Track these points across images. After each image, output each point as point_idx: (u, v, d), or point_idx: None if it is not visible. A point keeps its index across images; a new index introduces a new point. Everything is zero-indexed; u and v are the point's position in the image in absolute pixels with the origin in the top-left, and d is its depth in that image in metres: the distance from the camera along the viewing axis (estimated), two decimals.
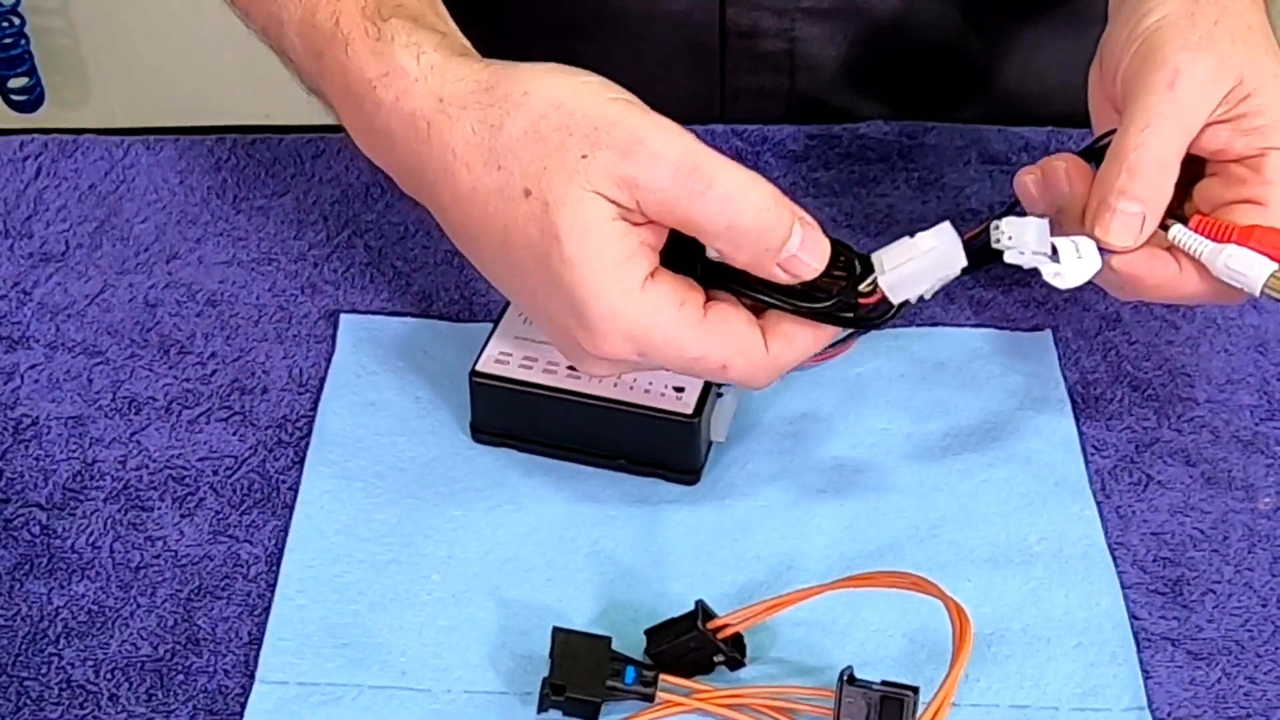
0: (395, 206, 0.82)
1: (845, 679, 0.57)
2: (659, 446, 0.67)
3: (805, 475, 0.68)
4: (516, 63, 0.58)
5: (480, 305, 0.76)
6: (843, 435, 0.70)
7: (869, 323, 0.60)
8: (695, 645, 0.59)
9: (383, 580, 0.64)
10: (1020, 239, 0.60)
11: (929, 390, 0.72)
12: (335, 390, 0.72)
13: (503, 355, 0.68)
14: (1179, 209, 0.63)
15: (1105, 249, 0.61)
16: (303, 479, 0.68)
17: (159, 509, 0.67)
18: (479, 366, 0.67)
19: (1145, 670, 0.61)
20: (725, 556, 0.65)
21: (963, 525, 0.66)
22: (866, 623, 0.62)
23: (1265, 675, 0.61)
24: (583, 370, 0.61)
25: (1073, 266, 0.60)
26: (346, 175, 0.84)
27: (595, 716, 0.58)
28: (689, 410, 0.65)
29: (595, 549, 0.65)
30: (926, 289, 0.60)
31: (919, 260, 0.59)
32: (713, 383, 0.66)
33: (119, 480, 0.68)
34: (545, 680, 0.58)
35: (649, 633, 0.60)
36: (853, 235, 0.80)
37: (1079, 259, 0.60)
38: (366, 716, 0.59)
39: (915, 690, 0.57)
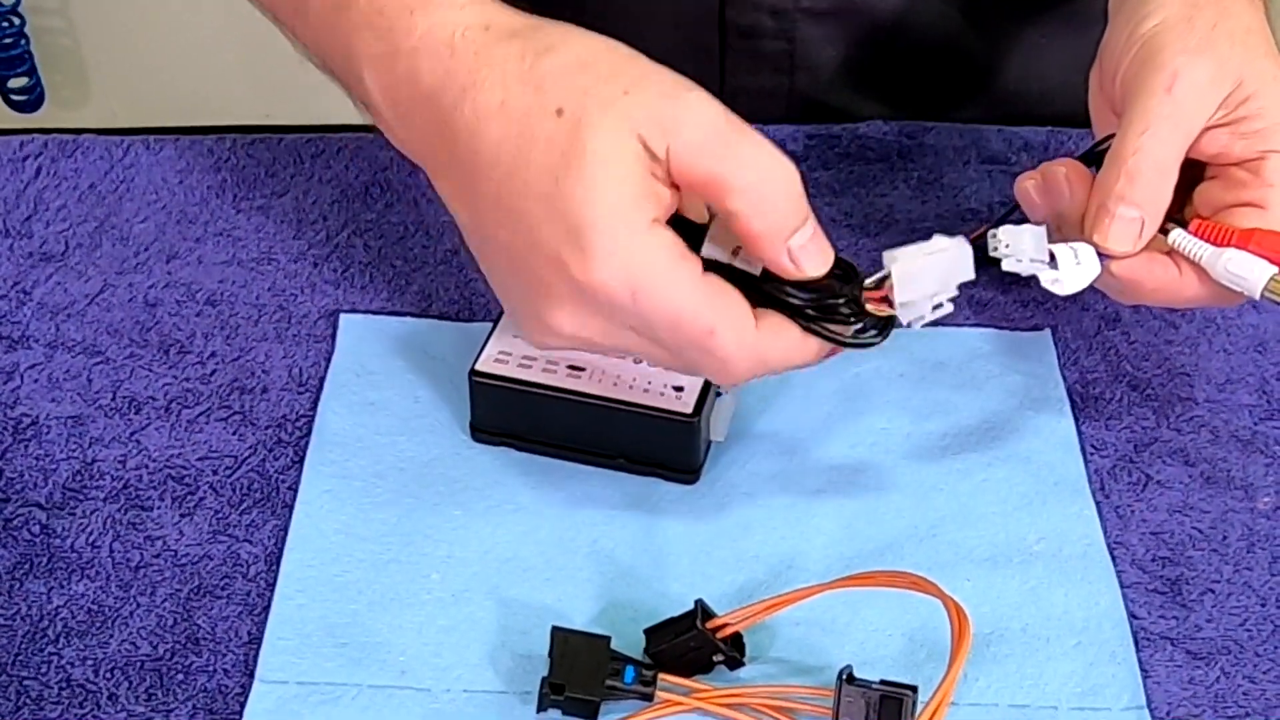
0: (395, 206, 0.82)
1: (844, 678, 0.57)
2: (658, 446, 0.67)
3: (805, 475, 0.68)
4: None
5: (480, 305, 0.76)
6: (842, 435, 0.70)
7: (860, 335, 0.58)
8: (695, 645, 0.59)
9: (382, 580, 0.64)
10: (1017, 247, 0.60)
11: (928, 390, 0.72)
12: (335, 390, 0.72)
13: (502, 355, 0.68)
14: (1179, 213, 0.63)
15: (1104, 254, 0.61)
16: (302, 478, 0.68)
17: (159, 508, 0.67)
18: (478, 366, 0.68)
19: (1144, 669, 0.61)
20: (725, 556, 0.65)
21: (962, 525, 0.66)
22: (866, 622, 0.62)
23: (1264, 675, 0.61)
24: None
25: (1071, 273, 0.60)
26: (346, 175, 0.84)
27: (595, 716, 0.58)
28: (688, 410, 0.65)
29: (595, 548, 0.65)
30: (930, 297, 0.58)
31: (931, 258, 0.58)
32: (708, 380, 0.66)
33: (119, 480, 0.68)
34: (545, 680, 0.58)
35: (648, 632, 0.60)
36: (852, 235, 0.80)
37: (1078, 265, 0.60)
38: (366, 716, 0.59)
39: (914, 689, 0.57)
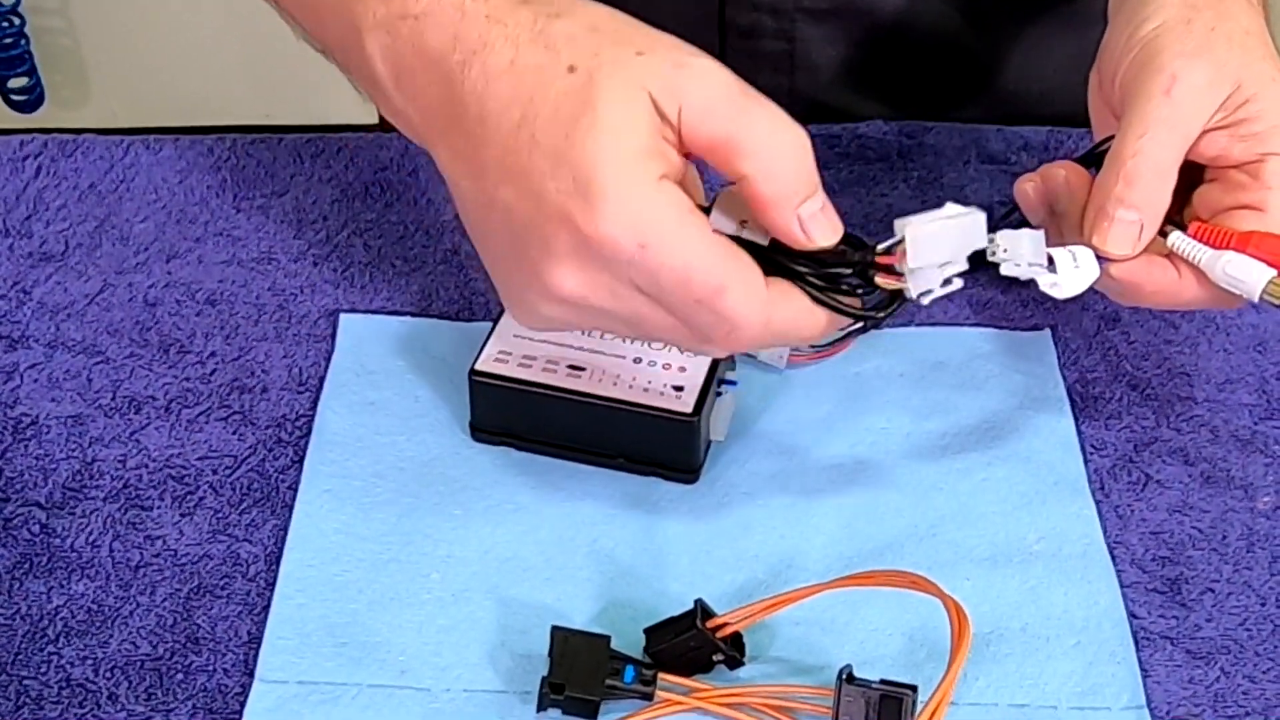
0: (395, 206, 0.82)
1: (844, 678, 0.57)
2: (658, 445, 0.67)
3: (804, 474, 0.68)
4: None
5: (480, 304, 0.76)
6: (842, 434, 0.70)
7: (871, 308, 0.58)
8: (694, 644, 0.59)
9: (382, 579, 0.64)
10: (1015, 251, 0.59)
11: (928, 389, 0.72)
12: (335, 389, 0.72)
13: (502, 354, 0.68)
14: (1178, 215, 0.63)
15: (1103, 257, 0.61)
16: (302, 478, 0.68)
17: (159, 508, 0.67)
18: (478, 365, 0.68)
19: (1144, 669, 0.61)
20: (724, 555, 0.65)
21: (962, 524, 0.66)
22: (865, 622, 0.62)
23: (1264, 674, 0.61)
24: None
25: (1070, 276, 0.60)
26: (346, 175, 0.84)
27: (594, 715, 0.58)
28: (688, 409, 0.66)
29: (594, 548, 0.65)
30: (940, 268, 0.58)
31: (944, 222, 0.57)
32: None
33: (119, 479, 0.68)
34: (544, 679, 0.58)
35: (648, 631, 0.60)
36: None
37: (1076, 268, 0.60)
38: (366, 715, 0.59)
39: (914, 689, 0.57)
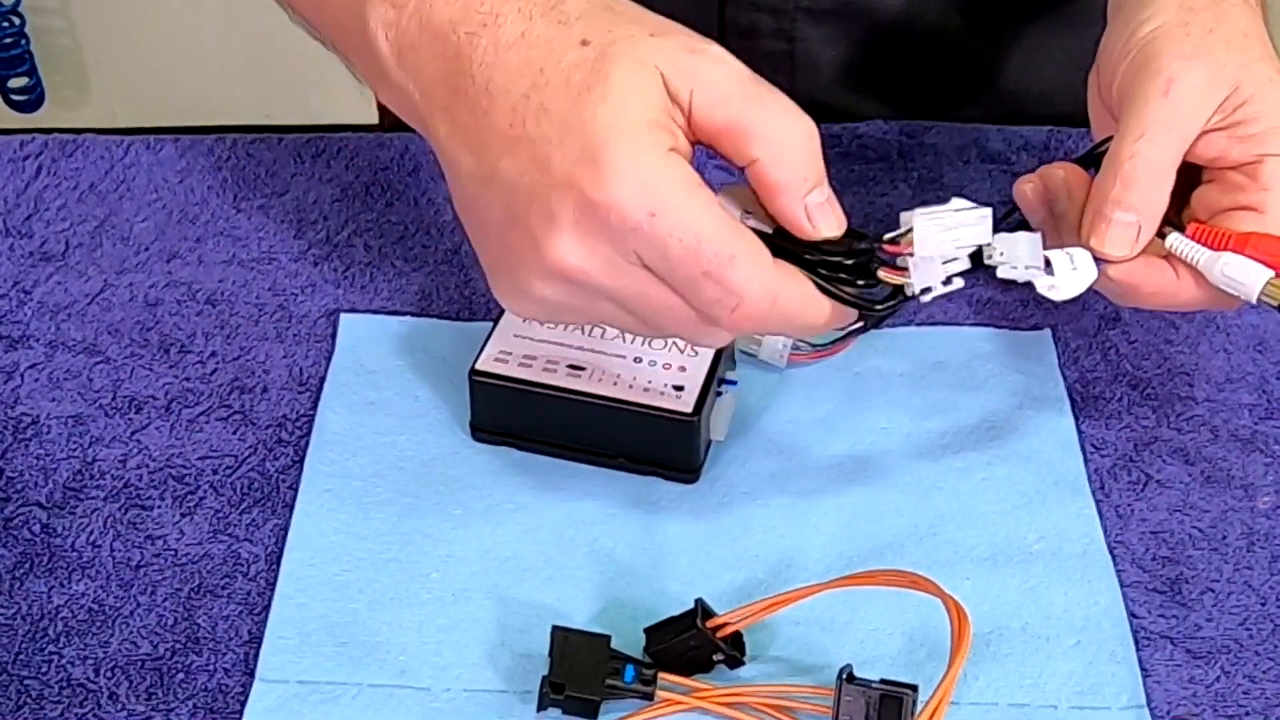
0: (395, 206, 0.82)
1: (844, 677, 0.57)
2: (658, 445, 0.67)
3: (804, 474, 0.68)
4: None
5: (480, 304, 0.76)
6: (842, 434, 0.70)
7: (872, 300, 0.58)
8: (695, 644, 0.59)
9: (382, 579, 0.64)
10: (1012, 254, 0.59)
11: (928, 389, 0.72)
12: (335, 389, 0.72)
13: (502, 354, 0.68)
14: (1176, 216, 0.63)
15: (1101, 259, 0.61)
16: (302, 478, 0.68)
17: (159, 508, 0.67)
18: (478, 365, 0.68)
19: (1144, 669, 0.61)
20: (724, 555, 0.65)
21: (962, 524, 0.66)
22: (865, 621, 0.62)
23: (1264, 674, 0.61)
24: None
25: (1067, 278, 0.60)
26: (346, 175, 0.84)
27: (595, 715, 0.58)
28: (688, 409, 0.66)
29: (594, 547, 0.65)
30: (944, 265, 0.58)
31: (951, 215, 0.58)
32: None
33: (119, 479, 0.68)
34: (545, 679, 0.58)
35: (648, 631, 0.60)
36: None
37: (1074, 270, 0.60)
38: (366, 715, 0.59)
39: (914, 688, 0.57)
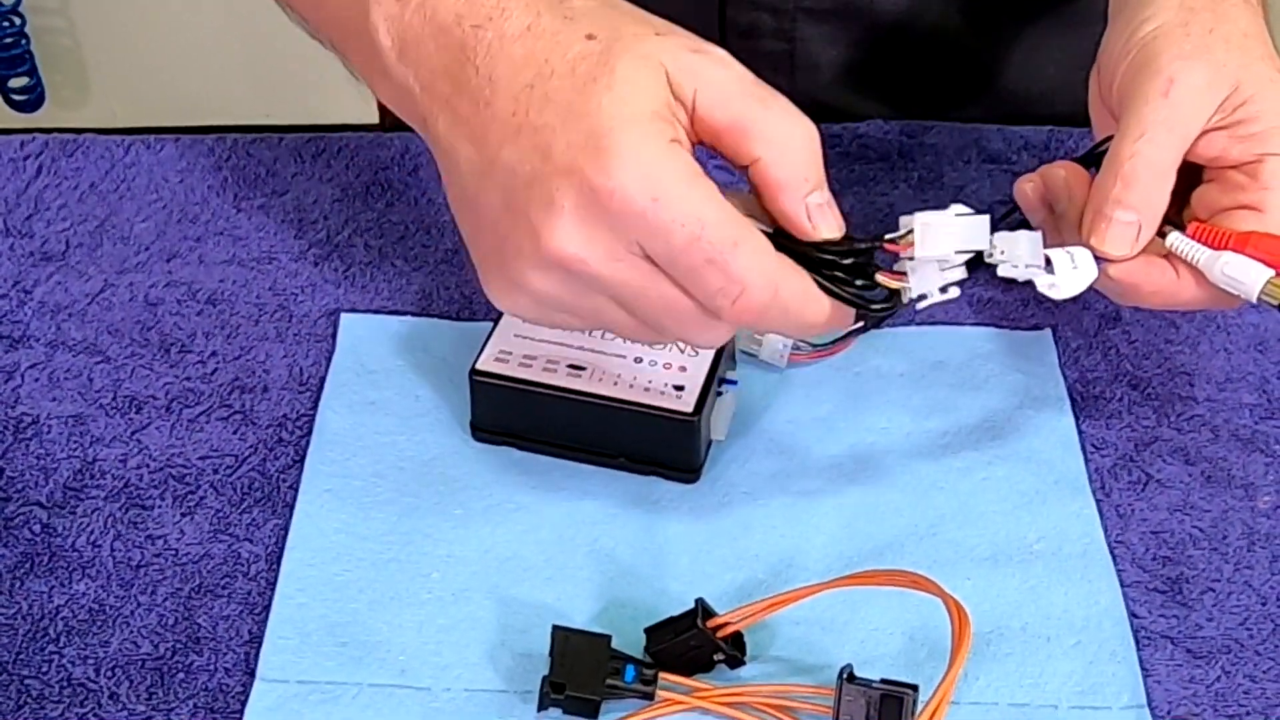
0: (396, 206, 0.82)
1: (845, 677, 0.57)
2: (659, 445, 0.67)
3: (805, 474, 0.68)
4: None
5: (480, 304, 0.76)
6: (842, 434, 0.70)
7: (873, 301, 0.58)
8: (695, 644, 0.59)
9: (382, 579, 0.64)
10: (1012, 253, 0.59)
11: (929, 389, 0.72)
12: (335, 389, 0.72)
13: (503, 354, 0.68)
14: (1177, 216, 0.63)
15: (1102, 258, 0.61)
16: (303, 478, 0.68)
17: (159, 508, 0.67)
18: (479, 365, 0.68)
19: (1144, 668, 0.61)
20: (725, 555, 0.65)
21: (962, 523, 0.66)
22: (866, 621, 0.62)
23: (1264, 674, 0.61)
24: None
25: (1068, 277, 0.60)
26: (347, 174, 0.84)
27: (595, 715, 0.58)
28: (689, 409, 0.66)
29: (595, 547, 0.65)
30: (941, 271, 0.59)
31: (951, 218, 0.58)
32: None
33: (119, 479, 0.68)
34: (545, 679, 0.58)
35: (649, 631, 0.60)
36: (851, 234, 0.80)
37: (1074, 269, 0.60)
38: (366, 715, 0.59)
39: (915, 688, 0.57)
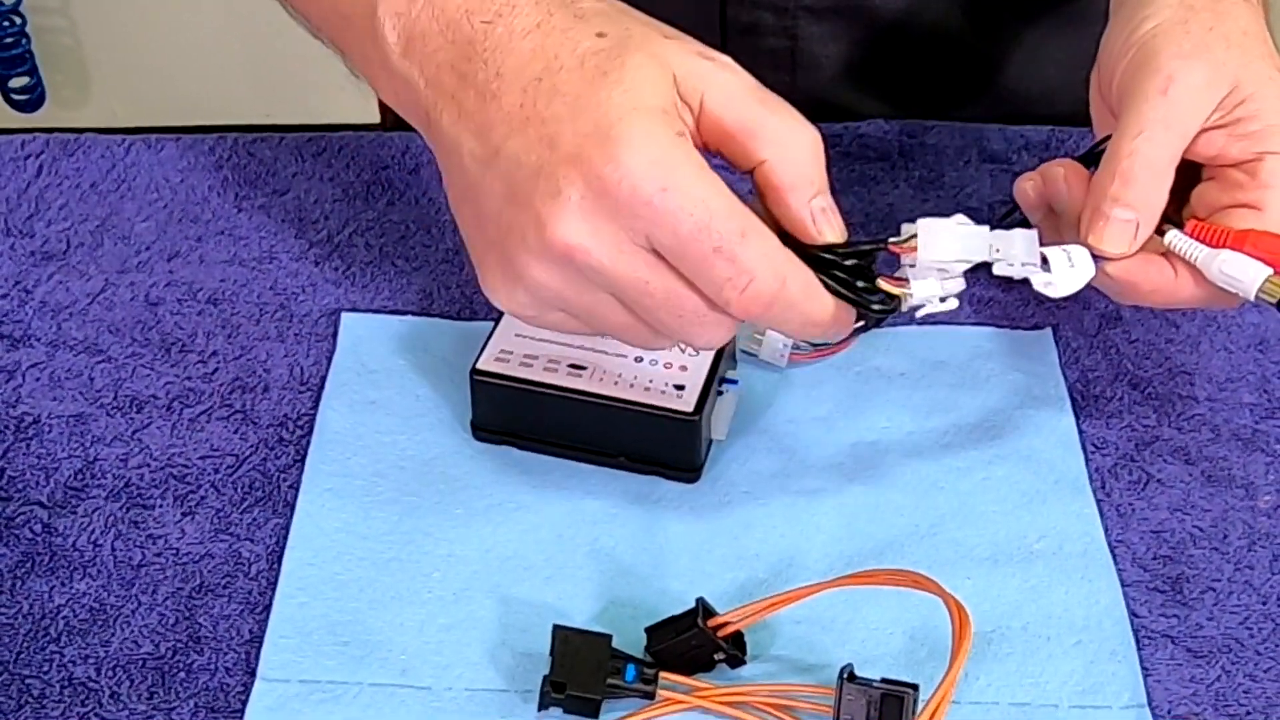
0: (396, 205, 0.82)
1: (845, 676, 0.57)
2: (659, 444, 0.67)
3: (805, 473, 0.68)
4: None
5: (481, 304, 0.76)
6: (843, 433, 0.70)
7: (873, 301, 0.59)
8: (696, 643, 0.59)
9: (383, 578, 0.64)
10: (1009, 251, 0.60)
11: (929, 388, 0.72)
12: (336, 389, 0.72)
13: (503, 353, 0.68)
14: (1176, 214, 0.63)
15: (1100, 256, 0.61)
16: (304, 477, 0.68)
17: (160, 507, 0.67)
18: (480, 365, 0.68)
19: (1145, 668, 0.61)
20: (725, 554, 0.65)
21: (963, 523, 0.66)
22: (866, 620, 0.62)
23: (1265, 673, 0.61)
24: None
25: (1064, 275, 0.60)
26: (347, 174, 0.84)
27: (596, 714, 0.58)
28: (689, 408, 0.66)
29: (596, 547, 0.65)
30: (942, 280, 0.59)
31: (955, 226, 0.59)
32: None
33: (120, 478, 0.68)
34: (546, 678, 0.58)
35: (649, 630, 0.60)
36: (852, 234, 0.80)
37: (1071, 268, 0.60)
38: (367, 714, 0.59)
39: (915, 688, 0.57)
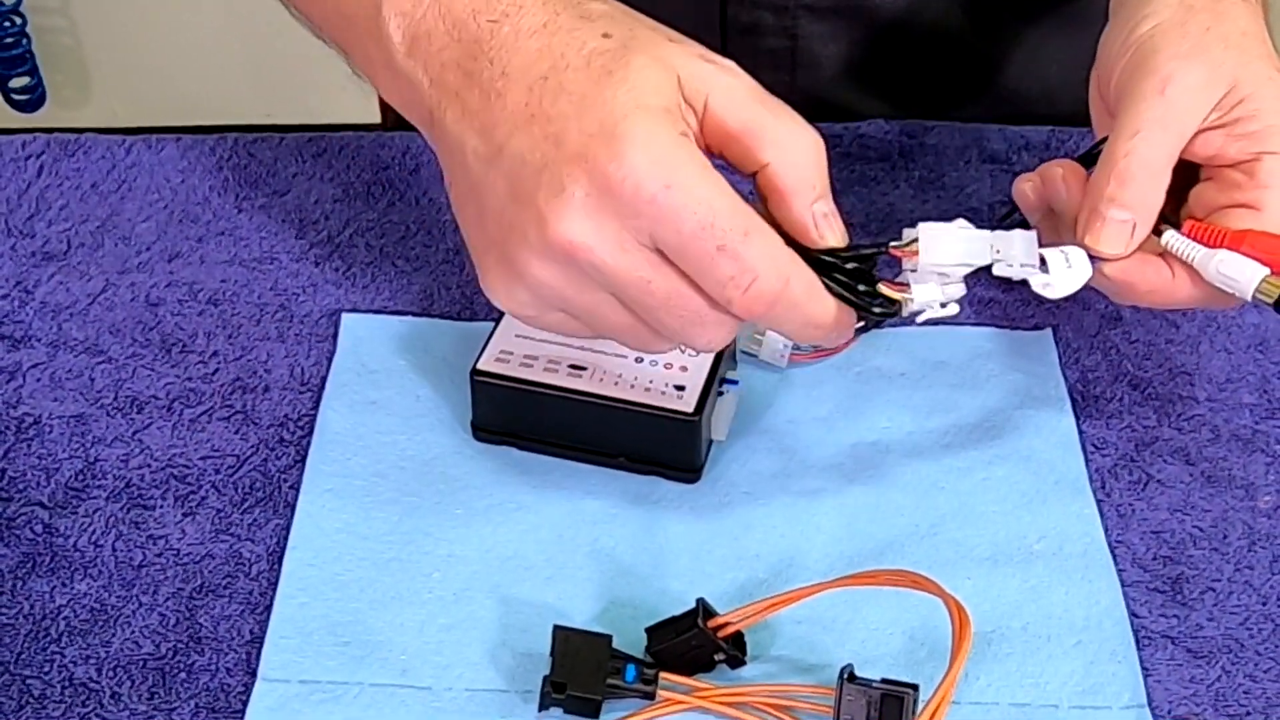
0: (397, 206, 0.82)
1: (845, 677, 0.57)
2: (660, 445, 0.67)
3: (805, 473, 0.68)
4: None
5: (481, 304, 0.76)
6: (843, 433, 0.70)
7: (873, 304, 0.59)
8: (696, 643, 0.59)
9: (384, 578, 0.64)
10: (1008, 252, 0.60)
11: (930, 389, 0.72)
12: (336, 389, 0.72)
13: (504, 354, 0.68)
14: (1175, 214, 0.63)
15: (1096, 256, 0.61)
16: (304, 477, 0.68)
17: (161, 507, 0.67)
18: (480, 365, 0.68)
19: (1145, 668, 0.61)
20: (725, 555, 0.65)
21: (963, 523, 0.66)
22: (866, 621, 0.62)
23: (1265, 673, 0.61)
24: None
25: (1062, 277, 0.60)
26: (348, 174, 0.84)
27: (596, 714, 0.58)
28: (690, 409, 0.66)
29: (596, 547, 0.65)
30: (943, 285, 0.59)
31: (956, 230, 0.59)
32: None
33: (121, 479, 0.68)
34: (546, 678, 0.58)
35: (650, 631, 0.60)
36: (854, 234, 0.79)
37: (1069, 269, 0.60)
38: (368, 714, 0.59)
39: (915, 688, 0.57)
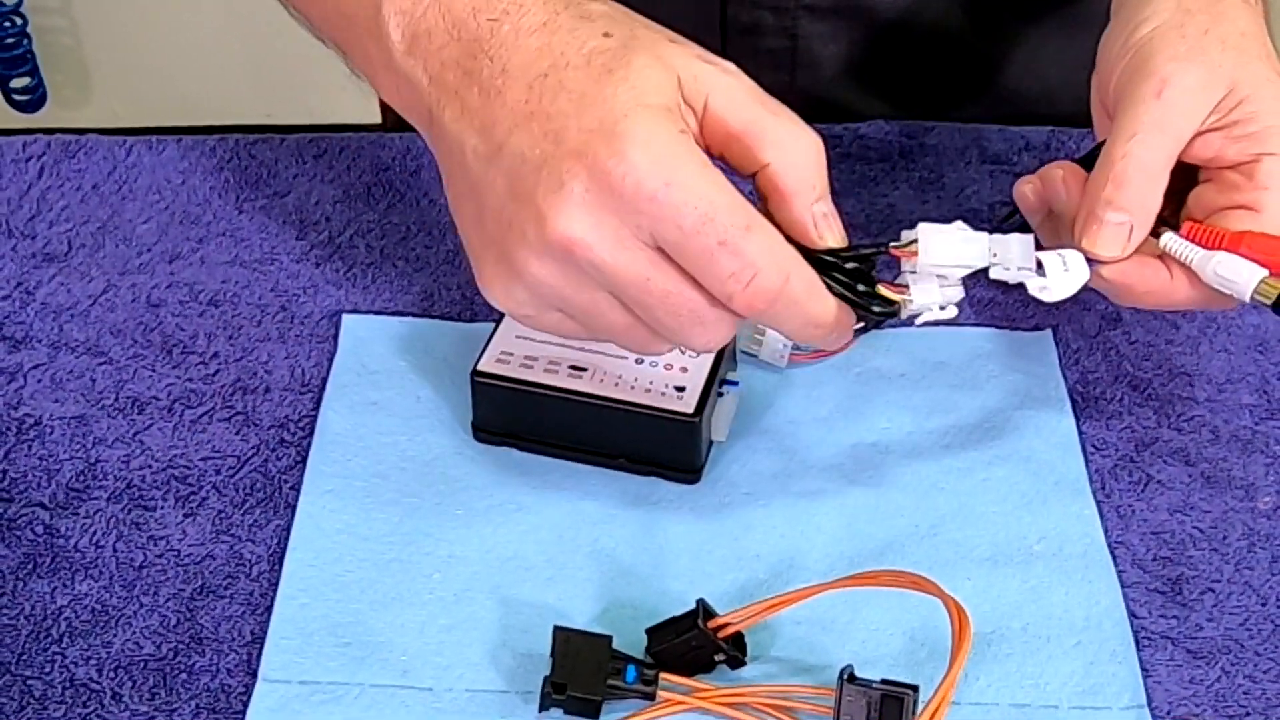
0: (397, 206, 0.82)
1: (845, 677, 0.57)
2: (660, 446, 0.67)
3: (805, 474, 0.68)
4: None
5: (482, 305, 0.76)
6: (843, 434, 0.70)
7: (870, 305, 0.59)
8: (696, 644, 0.59)
9: (384, 579, 0.64)
10: (1005, 255, 0.60)
11: (930, 389, 0.72)
12: (337, 390, 0.72)
13: (504, 355, 0.68)
14: (1174, 216, 0.63)
15: (1094, 259, 0.61)
16: (305, 478, 0.68)
17: (162, 508, 0.67)
18: (480, 366, 0.68)
19: (1145, 669, 0.61)
20: (726, 555, 0.65)
21: (963, 524, 0.66)
22: (866, 621, 0.63)
23: (1265, 674, 0.62)
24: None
25: (1059, 280, 0.60)
26: (348, 175, 0.84)
27: (596, 715, 0.58)
28: (690, 410, 0.66)
29: (596, 548, 0.65)
30: (941, 288, 0.59)
31: (955, 232, 0.59)
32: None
33: (122, 480, 0.68)
34: (546, 679, 0.58)
35: (650, 631, 0.60)
36: (854, 235, 0.79)
37: (1066, 272, 0.60)
38: (368, 715, 0.59)
39: (915, 689, 0.57)
